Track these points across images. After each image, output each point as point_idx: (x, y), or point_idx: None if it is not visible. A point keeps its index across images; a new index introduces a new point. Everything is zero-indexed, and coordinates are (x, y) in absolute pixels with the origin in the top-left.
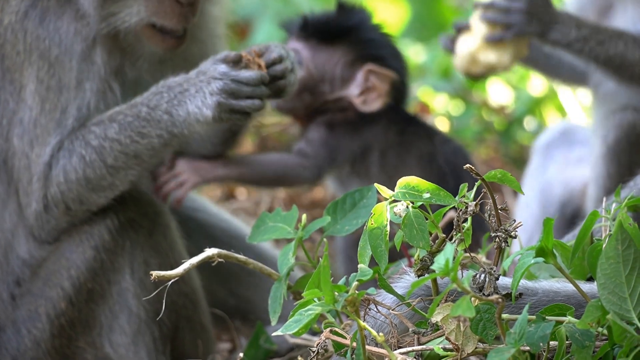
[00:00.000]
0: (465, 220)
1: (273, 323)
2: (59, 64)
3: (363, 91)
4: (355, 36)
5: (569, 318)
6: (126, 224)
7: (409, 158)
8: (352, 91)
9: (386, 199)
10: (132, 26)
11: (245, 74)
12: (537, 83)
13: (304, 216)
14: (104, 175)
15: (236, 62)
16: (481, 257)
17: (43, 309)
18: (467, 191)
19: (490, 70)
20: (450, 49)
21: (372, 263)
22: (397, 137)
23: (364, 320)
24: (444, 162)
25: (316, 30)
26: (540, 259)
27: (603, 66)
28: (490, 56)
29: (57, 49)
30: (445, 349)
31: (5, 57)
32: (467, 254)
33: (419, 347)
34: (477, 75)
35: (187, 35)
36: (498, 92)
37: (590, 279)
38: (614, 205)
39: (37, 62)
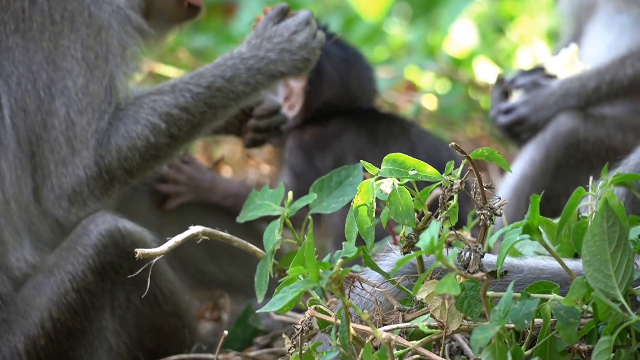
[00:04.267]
0: (451, 198)
1: (259, 300)
2: (105, 30)
3: (286, 97)
4: None
5: (554, 295)
6: (107, 267)
7: None
8: (280, 102)
9: (372, 177)
10: None
11: (304, 13)
12: (524, 60)
13: (290, 193)
14: (164, 145)
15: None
16: (466, 235)
17: (22, 345)
18: (454, 169)
19: None
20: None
21: (360, 241)
22: (371, 138)
23: (349, 298)
24: (425, 157)
25: None
26: (526, 236)
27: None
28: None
29: (102, 15)
30: (430, 326)
31: (27, 30)
32: (453, 232)
33: (404, 325)
34: None
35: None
36: (485, 71)
37: (577, 257)
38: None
39: (82, 29)
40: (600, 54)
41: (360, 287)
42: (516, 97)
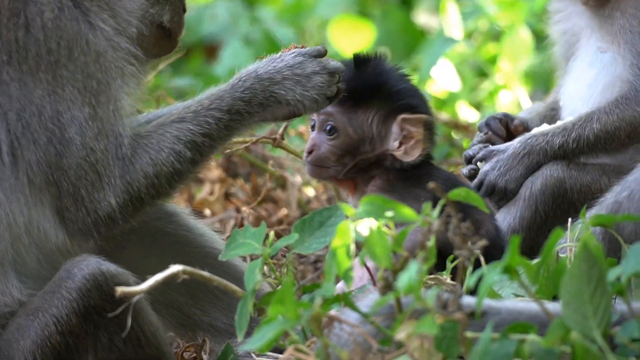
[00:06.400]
0: (429, 238)
1: (239, 339)
2: (102, 56)
3: (402, 141)
4: (385, 90)
5: (532, 336)
6: (91, 310)
7: None
8: (392, 145)
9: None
10: (165, 22)
11: (335, 63)
12: (505, 100)
13: (271, 233)
14: (187, 170)
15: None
16: (445, 278)
17: None
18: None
19: None
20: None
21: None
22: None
23: (328, 338)
24: None
25: (349, 93)
26: (505, 277)
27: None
28: None
29: (98, 42)
30: None
31: (22, 62)
32: (431, 273)
33: None
34: None
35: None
36: (466, 111)
37: (556, 298)
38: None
39: (80, 57)
40: (581, 90)
41: (340, 328)
42: (482, 166)
